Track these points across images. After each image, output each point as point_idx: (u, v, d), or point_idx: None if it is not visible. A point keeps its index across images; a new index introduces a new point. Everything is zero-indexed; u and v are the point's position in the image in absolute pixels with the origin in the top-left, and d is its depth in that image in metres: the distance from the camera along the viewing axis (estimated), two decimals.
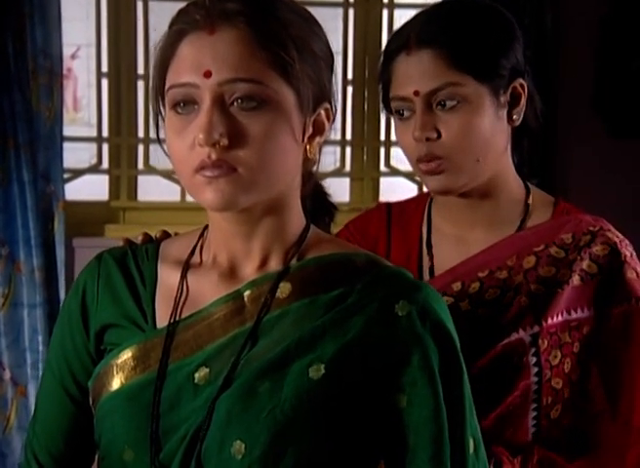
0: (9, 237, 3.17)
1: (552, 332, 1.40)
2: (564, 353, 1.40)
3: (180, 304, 1.17)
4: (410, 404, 1.08)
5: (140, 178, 3.54)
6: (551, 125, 3.45)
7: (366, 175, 3.64)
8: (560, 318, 1.40)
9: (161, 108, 1.13)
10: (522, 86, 1.47)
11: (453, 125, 1.41)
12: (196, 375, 1.12)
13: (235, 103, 1.07)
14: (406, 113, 1.45)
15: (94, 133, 3.56)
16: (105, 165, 3.52)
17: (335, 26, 3.54)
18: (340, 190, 3.61)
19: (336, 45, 3.69)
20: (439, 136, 1.42)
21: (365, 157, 3.63)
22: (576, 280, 1.41)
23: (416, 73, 1.42)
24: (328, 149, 1.13)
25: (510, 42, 1.46)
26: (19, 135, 3.14)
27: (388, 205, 1.64)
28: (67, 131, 3.34)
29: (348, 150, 3.64)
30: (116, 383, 1.15)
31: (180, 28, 1.10)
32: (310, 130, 1.14)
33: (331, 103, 1.16)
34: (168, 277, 1.20)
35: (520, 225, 1.49)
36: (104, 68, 3.46)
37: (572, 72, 3.49)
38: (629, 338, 1.41)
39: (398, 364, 1.09)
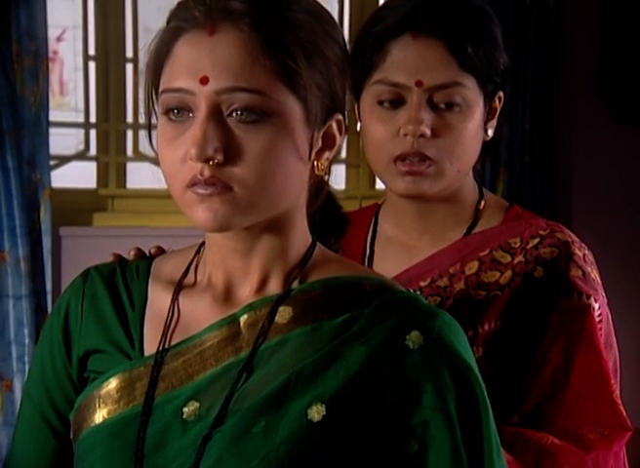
0: None
1: (487, 340, 1.34)
2: (501, 363, 1.33)
3: (171, 329, 1.07)
4: (423, 448, 0.98)
5: (129, 165, 3.48)
6: (554, 110, 3.40)
7: (362, 161, 3.55)
8: (498, 324, 1.34)
9: (154, 111, 1.03)
10: (500, 99, 1.41)
11: (452, 127, 1.33)
12: (185, 410, 1.02)
13: (233, 115, 0.97)
14: (392, 102, 1.34)
15: (81, 118, 3.51)
16: (93, 151, 3.47)
17: (329, 8, 3.45)
18: (335, 177, 3.53)
19: None
20: (432, 135, 1.33)
21: (361, 143, 3.54)
22: (518, 283, 1.35)
23: (422, 62, 1.32)
24: None
25: (505, 51, 1.39)
26: (3, 120, 3.08)
27: None
28: (53, 116, 3.29)
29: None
30: (98, 417, 1.05)
31: (177, 25, 1.00)
32: (319, 144, 1.03)
33: (344, 114, 1.05)
34: (158, 298, 1.10)
35: (467, 231, 1.42)
36: (92, 51, 3.40)
37: (575, 57, 3.46)
38: (572, 338, 1.34)
39: (406, 403, 0.98)
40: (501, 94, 1.40)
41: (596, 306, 1.35)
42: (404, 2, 1.36)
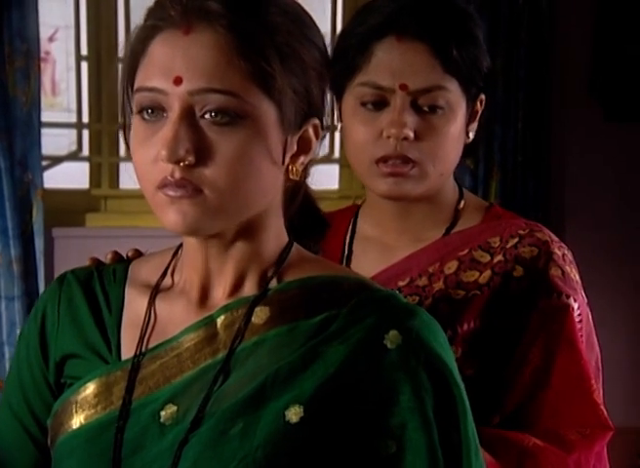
0: None
1: (466, 340, 1.33)
2: (481, 363, 1.32)
3: (148, 333, 1.06)
4: (400, 449, 0.97)
5: (122, 166, 3.45)
6: (547, 109, 3.39)
7: None
8: (477, 324, 1.33)
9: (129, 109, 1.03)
10: (481, 102, 1.40)
11: (435, 130, 1.33)
12: (162, 414, 1.01)
13: (206, 116, 0.96)
14: (375, 104, 1.33)
15: (73, 118, 3.49)
16: (86, 152, 3.46)
17: (322, 8, 3.45)
18: (329, 177, 3.52)
19: (324, 26, 3.61)
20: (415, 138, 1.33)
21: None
22: (497, 282, 1.34)
23: (407, 65, 1.32)
24: None
25: (488, 54, 1.39)
26: None
27: None
28: (45, 116, 3.27)
29: (337, 136, 3.55)
30: (75, 423, 1.04)
31: (153, 24, 0.99)
32: (294, 148, 1.03)
33: (321, 119, 1.05)
34: (135, 302, 1.09)
35: (447, 231, 1.42)
36: (84, 51, 3.38)
37: (568, 56, 3.45)
38: (552, 338, 1.32)
39: (384, 404, 0.97)
40: (483, 96, 1.40)
41: (575, 306, 1.35)
42: (387, 3, 1.35)
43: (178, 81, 0.95)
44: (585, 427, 1.32)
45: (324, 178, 3.64)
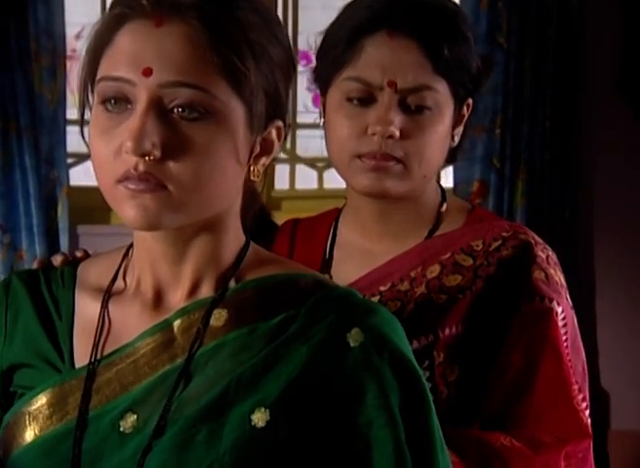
0: (11, 224, 3.09)
1: (449, 345, 1.31)
2: (463, 368, 1.31)
3: (102, 339, 1.03)
4: (367, 447, 0.96)
5: None
6: (575, 108, 3.36)
7: None
8: (460, 328, 1.32)
9: (90, 98, 1.00)
10: (468, 107, 1.38)
11: (421, 129, 1.31)
12: (122, 423, 0.98)
13: (175, 111, 0.94)
14: (362, 100, 1.31)
15: None
16: None
17: None
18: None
19: None
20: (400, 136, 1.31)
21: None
22: (480, 286, 1.32)
23: (397, 62, 1.30)
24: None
25: (476, 54, 1.37)
26: (20, 118, 3.07)
27: (295, 221, 1.52)
28: (71, 114, 3.26)
29: None
30: (29, 435, 1.01)
31: (121, 12, 0.97)
32: (257, 149, 1.01)
33: (284, 120, 1.03)
34: (87, 306, 1.06)
35: (429, 234, 1.40)
36: None
37: (597, 54, 3.41)
38: (534, 344, 1.31)
39: (351, 403, 0.96)
40: (470, 101, 1.38)
41: (559, 310, 1.33)
42: None
43: (147, 72, 0.93)
44: (562, 432, 1.31)
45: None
